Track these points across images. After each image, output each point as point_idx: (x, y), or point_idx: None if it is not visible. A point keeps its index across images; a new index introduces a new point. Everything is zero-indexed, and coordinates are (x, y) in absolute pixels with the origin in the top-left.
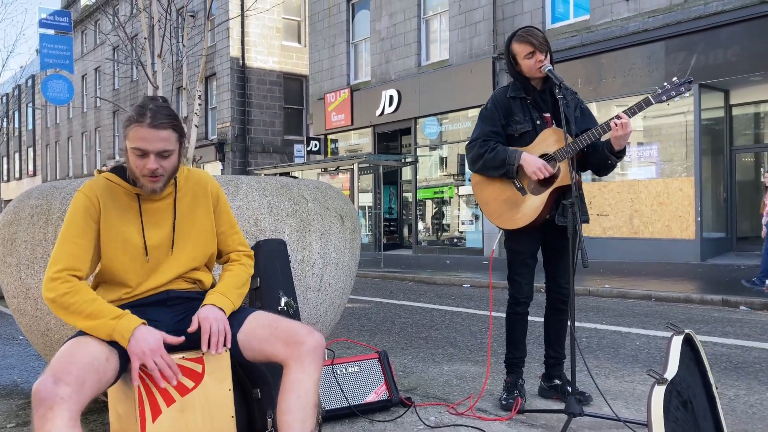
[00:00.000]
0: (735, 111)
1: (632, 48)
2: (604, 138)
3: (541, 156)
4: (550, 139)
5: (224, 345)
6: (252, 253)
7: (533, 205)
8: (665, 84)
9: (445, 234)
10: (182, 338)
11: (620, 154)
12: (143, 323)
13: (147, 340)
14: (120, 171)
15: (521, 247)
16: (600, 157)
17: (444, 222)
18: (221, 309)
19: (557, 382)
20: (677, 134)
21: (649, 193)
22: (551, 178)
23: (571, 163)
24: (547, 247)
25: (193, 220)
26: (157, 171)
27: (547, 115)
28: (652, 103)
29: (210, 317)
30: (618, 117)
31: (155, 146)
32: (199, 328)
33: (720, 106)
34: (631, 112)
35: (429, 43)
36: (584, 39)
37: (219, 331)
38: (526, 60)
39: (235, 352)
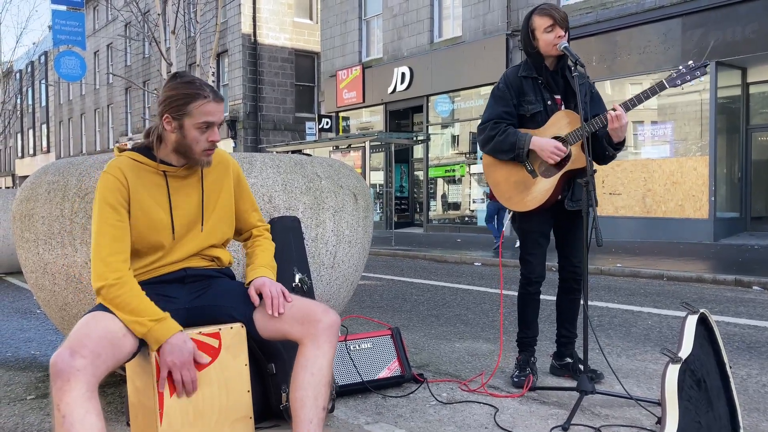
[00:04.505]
0: (752, 89)
1: (648, 25)
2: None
3: (553, 138)
4: (562, 122)
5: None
6: (269, 227)
7: (543, 188)
8: (680, 67)
9: (456, 212)
10: (210, 360)
11: (618, 146)
12: (180, 330)
13: (181, 351)
14: (143, 150)
15: (532, 227)
16: (600, 146)
17: (455, 200)
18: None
19: (568, 360)
20: (692, 113)
21: (662, 172)
22: (563, 161)
23: (586, 144)
24: (558, 227)
25: (217, 198)
26: (216, 141)
27: (558, 96)
28: (666, 87)
29: (267, 283)
30: (613, 109)
31: (219, 117)
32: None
33: (737, 84)
34: (645, 96)
35: (442, 20)
36: (599, 16)
37: (277, 294)
38: (545, 34)
39: (251, 330)
